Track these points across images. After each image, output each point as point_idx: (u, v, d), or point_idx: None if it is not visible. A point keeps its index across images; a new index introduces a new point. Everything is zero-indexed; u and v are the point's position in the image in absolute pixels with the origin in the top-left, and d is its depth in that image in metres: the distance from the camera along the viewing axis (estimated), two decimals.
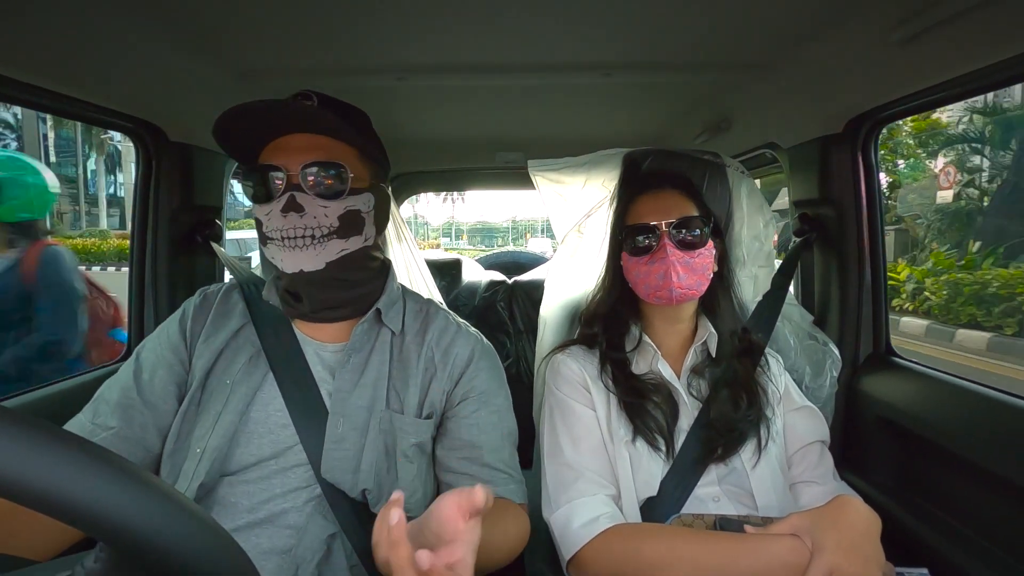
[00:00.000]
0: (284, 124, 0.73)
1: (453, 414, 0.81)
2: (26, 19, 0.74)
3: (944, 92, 0.94)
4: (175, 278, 1.26)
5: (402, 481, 0.75)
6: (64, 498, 0.30)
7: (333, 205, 0.72)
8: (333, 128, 0.72)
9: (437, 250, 8.15)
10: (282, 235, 0.71)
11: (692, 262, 0.86)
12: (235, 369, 0.77)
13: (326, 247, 0.72)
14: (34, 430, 0.30)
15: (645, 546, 0.74)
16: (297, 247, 0.71)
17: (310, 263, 0.72)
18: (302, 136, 0.72)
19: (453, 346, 0.83)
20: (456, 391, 0.81)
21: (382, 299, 0.82)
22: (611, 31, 0.91)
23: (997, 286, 6.21)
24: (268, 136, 0.74)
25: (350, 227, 0.74)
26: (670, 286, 0.85)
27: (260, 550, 0.70)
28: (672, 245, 0.85)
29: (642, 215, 0.89)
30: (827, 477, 0.87)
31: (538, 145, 1.74)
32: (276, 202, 0.71)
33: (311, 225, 0.71)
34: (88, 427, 0.74)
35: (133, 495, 0.32)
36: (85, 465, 0.31)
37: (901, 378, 1.12)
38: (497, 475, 0.79)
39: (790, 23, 0.86)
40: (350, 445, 0.74)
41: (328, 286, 0.77)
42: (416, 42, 0.95)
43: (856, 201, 1.19)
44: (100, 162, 22.20)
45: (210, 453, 0.72)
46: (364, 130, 0.81)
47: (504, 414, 0.84)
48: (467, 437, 0.80)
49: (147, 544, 0.32)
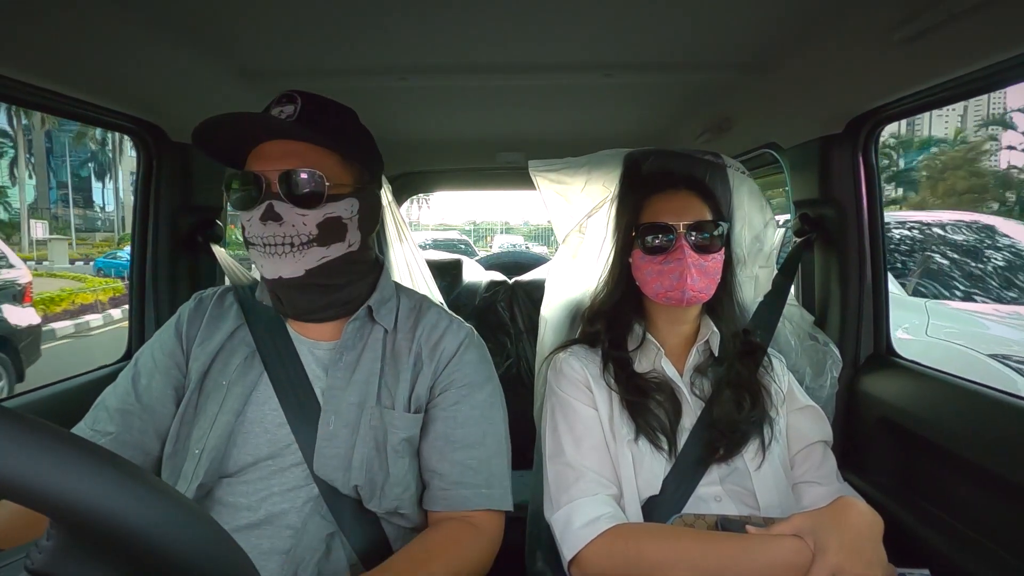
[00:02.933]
0: (262, 132, 0.73)
1: (433, 405, 0.80)
2: (26, 19, 0.74)
3: (944, 92, 0.94)
4: (175, 279, 1.26)
5: (393, 477, 0.75)
6: (65, 498, 0.30)
7: (311, 213, 0.71)
8: (306, 136, 0.72)
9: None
10: (263, 242, 0.71)
11: (706, 265, 0.86)
12: (230, 370, 0.78)
13: (305, 255, 0.72)
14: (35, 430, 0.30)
15: (646, 546, 0.74)
16: (277, 254, 0.71)
17: (289, 270, 0.72)
18: (281, 143, 0.72)
19: (442, 340, 0.82)
20: (438, 383, 0.80)
21: (373, 297, 0.82)
22: (611, 31, 0.91)
23: None
24: (251, 143, 0.74)
25: (330, 234, 0.73)
26: (684, 287, 0.85)
27: (260, 551, 0.70)
28: (688, 247, 0.85)
29: (658, 214, 0.88)
30: (830, 478, 0.87)
31: (538, 145, 1.74)
32: (256, 210, 0.71)
33: (290, 233, 0.71)
34: (88, 433, 0.75)
35: (133, 496, 0.32)
36: (86, 465, 0.31)
37: (902, 378, 1.12)
38: (468, 475, 0.76)
39: (790, 23, 0.86)
40: (341, 442, 0.74)
41: (308, 291, 0.76)
42: (417, 42, 0.95)
43: (856, 201, 1.19)
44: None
45: (208, 454, 0.72)
46: (348, 131, 0.79)
47: (487, 410, 0.81)
48: (442, 430, 0.78)
49: (147, 544, 0.32)
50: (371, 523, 0.75)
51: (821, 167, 1.22)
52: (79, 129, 27.48)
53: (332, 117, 0.77)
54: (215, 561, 0.35)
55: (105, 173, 34.97)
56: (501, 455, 0.81)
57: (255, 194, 0.71)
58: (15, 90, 0.88)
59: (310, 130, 0.71)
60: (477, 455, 0.78)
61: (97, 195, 42.18)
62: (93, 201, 42.80)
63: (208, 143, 0.74)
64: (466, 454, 0.77)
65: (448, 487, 0.76)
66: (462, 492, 0.76)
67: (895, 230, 3.17)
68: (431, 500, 0.78)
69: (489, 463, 0.78)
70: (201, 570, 0.34)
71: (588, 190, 1.08)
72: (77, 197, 37.81)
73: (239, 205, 0.73)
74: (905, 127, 39.81)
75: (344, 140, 0.76)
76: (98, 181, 37.43)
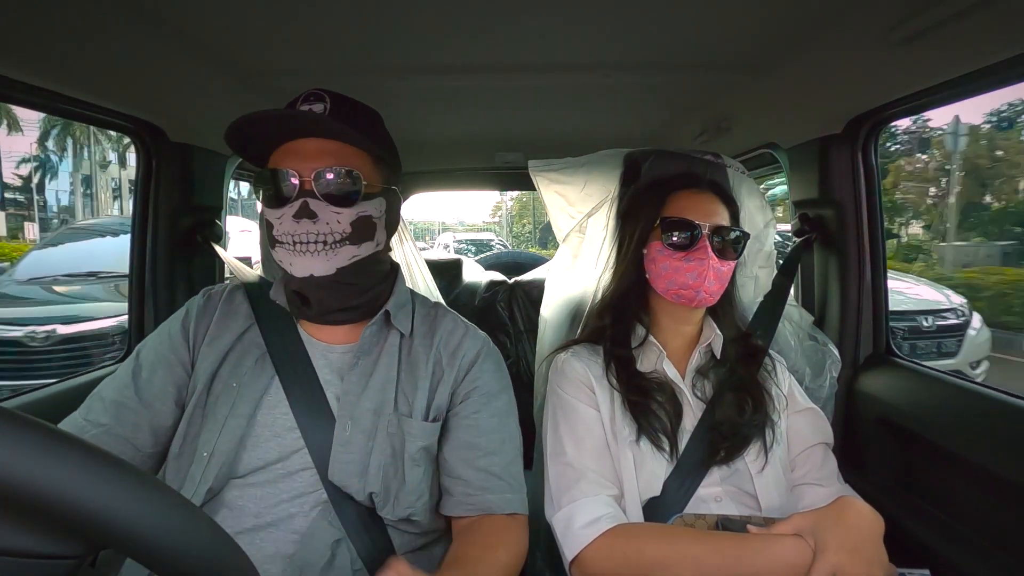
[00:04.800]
0: (295, 129, 0.72)
1: (454, 413, 0.80)
2: (26, 19, 0.74)
3: (944, 92, 0.95)
4: (175, 278, 1.25)
5: (409, 484, 0.75)
6: (65, 499, 0.30)
7: (346, 212, 0.71)
8: (345, 134, 0.72)
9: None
10: (293, 240, 0.70)
11: (722, 270, 0.87)
12: (241, 372, 0.77)
13: (338, 253, 0.72)
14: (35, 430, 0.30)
15: (647, 546, 0.74)
16: (308, 252, 0.71)
17: (321, 268, 0.71)
18: (314, 140, 0.72)
19: (461, 347, 0.82)
20: (459, 390, 0.81)
21: (391, 301, 0.81)
22: (611, 31, 0.91)
23: None
24: (279, 140, 0.73)
25: (362, 233, 0.73)
26: (699, 287, 0.85)
27: (264, 554, 0.69)
28: (711, 248, 0.85)
29: (685, 210, 0.88)
30: (831, 479, 0.87)
31: (538, 145, 1.74)
32: (288, 207, 0.70)
33: (323, 231, 0.70)
34: (80, 424, 0.74)
35: (133, 497, 0.32)
36: (87, 467, 0.31)
37: (901, 378, 1.12)
38: (492, 481, 0.77)
39: (790, 23, 0.86)
40: (357, 448, 0.74)
41: (338, 290, 0.76)
42: (417, 42, 0.95)
43: (856, 201, 1.20)
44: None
45: (218, 457, 0.72)
46: (376, 132, 0.80)
47: (505, 418, 0.82)
48: (465, 437, 0.79)
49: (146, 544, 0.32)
50: (378, 531, 0.74)
51: (821, 167, 1.22)
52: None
53: (362, 117, 0.77)
54: (214, 563, 0.34)
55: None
56: (518, 462, 0.82)
57: (289, 192, 0.70)
58: (15, 90, 0.88)
59: (346, 129, 0.71)
60: (499, 461, 0.79)
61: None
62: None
63: (238, 141, 0.73)
64: (489, 460, 0.78)
65: (475, 492, 0.77)
66: (488, 497, 0.76)
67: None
68: (455, 506, 0.77)
69: (510, 468, 0.79)
70: (200, 571, 0.34)
71: (588, 190, 1.08)
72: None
73: (270, 202, 0.72)
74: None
75: (374, 139, 0.76)
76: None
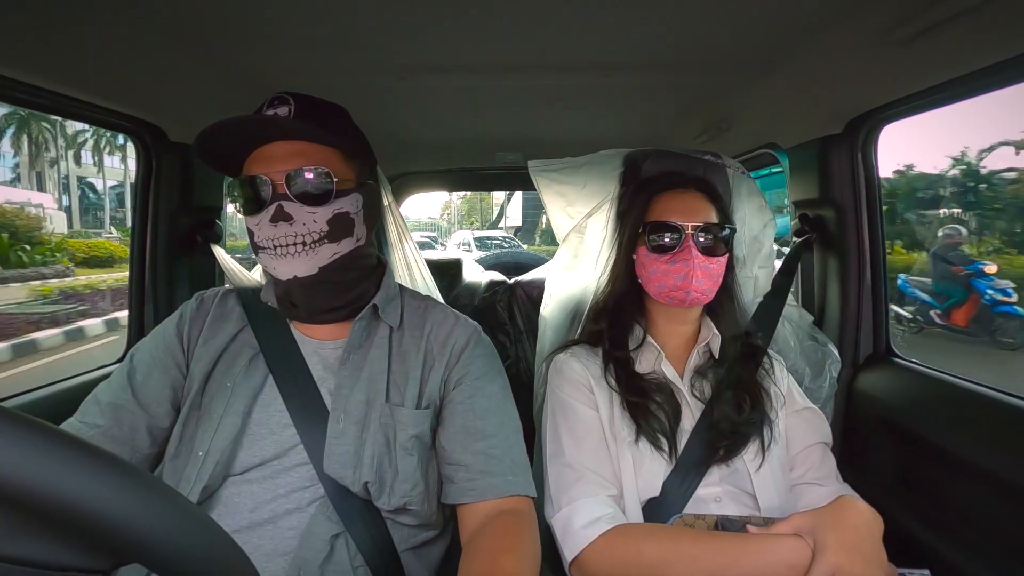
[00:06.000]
0: (262, 134, 0.73)
1: (449, 400, 0.80)
2: (26, 19, 0.74)
3: (944, 92, 0.95)
4: (174, 279, 1.25)
5: (402, 474, 0.75)
6: (65, 498, 0.30)
7: (321, 210, 0.72)
8: (311, 133, 0.72)
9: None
10: (273, 244, 0.71)
11: (711, 268, 0.86)
12: (235, 372, 0.78)
13: (318, 252, 0.72)
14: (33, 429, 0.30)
15: (647, 546, 0.74)
16: (289, 254, 0.71)
17: (303, 268, 0.72)
18: (282, 144, 0.72)
19: (451, 336, 0.83)
20: (451, 376, 0.81)
21: (378, 295, 0.82)
22: (611, 31, 0.91)
23: None
24: (249, 147, 0.74)
25: (341, 230, 0.74)
26: (688, 288, 0.85)
27: (262, 552, 0.70)
28: (695, 248, 0.85)
29: (667, 213, 0.88)
30: (830, 478, 0.87)
31: (538, 145, 1.74)
32: (265, 212, 0.71)
33: (301, 232, 0.71)
34: (76, 426, 0.74)
35: (132, 496, 0.32)
36: (85, 464, 0.31)
37: (901, 378, 1.12)
38: (492, 463, 0.76)
39: (790, 23, 0.86)
40: (351, 440, 0.74)
41: (323, 289, 0.77)
42: (417, 42, 0.95)
43: (856, 202, 1.20)
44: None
45: (213, 456, 0.72)
46: (344, 128, 0.79)
47: (501, 401, 0.82)
48: (461, 422, 0.78)
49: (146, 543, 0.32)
50: (377, 524, 0.75)
51: (820, 167, 1.22)
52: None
53: (329, 115, 0.77)
54: (213, 562, 0.34)
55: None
56: (520, 445, 0.81)
57: (263, 197, 0.71)
58: (15, 90, 0.88)
59: (312, 128, 0.71)
60: (498, 444, 0.78)
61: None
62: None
63: (208, 152, 0.74)
64: (488, 443, 0.77)
65: (475, 476, 0.76)
66: (489, 480, 0.75)
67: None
68: (458, 493, 0.76)
69: (511, 451, 0.78)
70: (199, 570, 0.33)
71: (588, 190, 1.08)
72: None
73: (247, 209, 0.73)
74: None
75: (343, 136, 0.76)
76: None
